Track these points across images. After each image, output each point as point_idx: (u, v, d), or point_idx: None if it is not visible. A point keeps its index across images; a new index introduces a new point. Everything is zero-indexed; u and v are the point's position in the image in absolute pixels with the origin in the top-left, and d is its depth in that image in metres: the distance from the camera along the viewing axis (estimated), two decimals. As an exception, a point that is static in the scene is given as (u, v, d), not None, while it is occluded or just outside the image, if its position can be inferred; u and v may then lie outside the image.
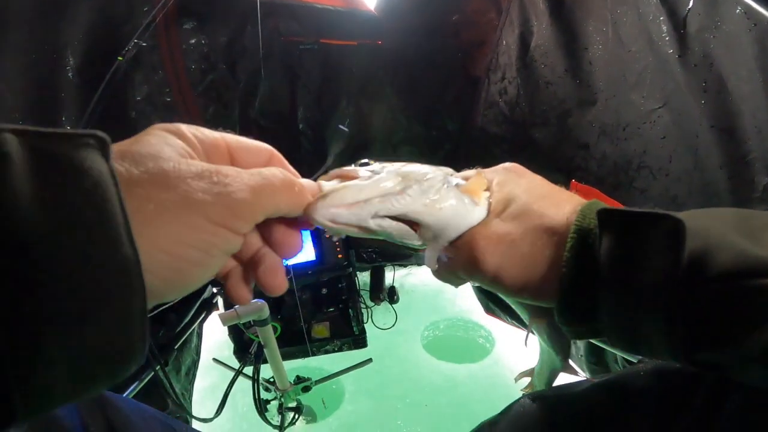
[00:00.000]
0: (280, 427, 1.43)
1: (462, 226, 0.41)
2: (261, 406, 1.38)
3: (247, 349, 1.37)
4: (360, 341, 1.66)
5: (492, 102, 1.33)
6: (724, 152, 0.88)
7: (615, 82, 1.05)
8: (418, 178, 0.41)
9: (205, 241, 0.28)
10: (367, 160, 0.44)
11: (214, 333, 1.86)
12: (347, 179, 0.40)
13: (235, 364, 1.43)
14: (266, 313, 1.17)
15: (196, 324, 1.51)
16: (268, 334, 1.24)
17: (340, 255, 1.51)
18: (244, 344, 1.44)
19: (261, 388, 1.38)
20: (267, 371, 1.39)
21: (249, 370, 1.35)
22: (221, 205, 0.29)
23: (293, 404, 1.51)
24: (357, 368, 1.62)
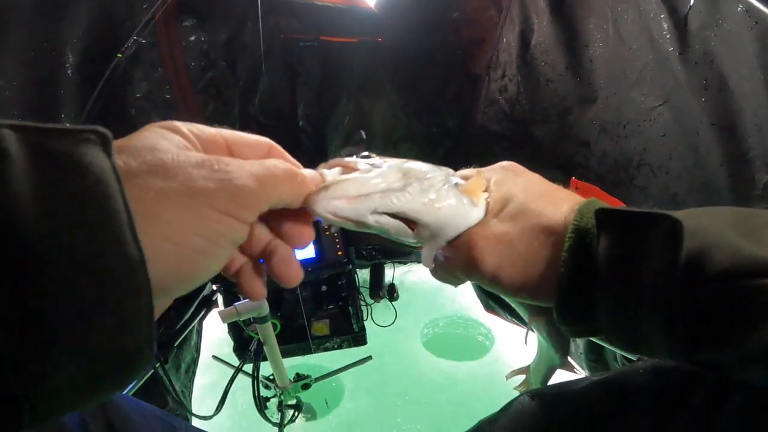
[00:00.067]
0: (280, 425, 1.44)
1: (460, 226, 0.41)
2: (261, 404, 1.38)
3: (246, 347, 1.37)
4: (360, 338, 1.66)
5: (492, 99, 1.32)
6: (724, 150, 0.88)
7: (615, 80, 1.05)
8: (419, 176, 0.40)
9: (209, 229, 0.28)
10: (368, 153, 0.44)
11: (214, 330, 1.86)
12: (347, 170, 0.40)
13: (235, 361, 1.43)
14: (266, 310, 1.16)
15: (196, 321, 1.51)
16: (268, 332, 1.24)
17: (340, 252, 1.50)
18: (244, 341, 1.43)
19: (261, 385, 1.38)
20: (267, 369, 1.39)
21: (249, 367, 1.35)
22: (224, 192, 0.28)
23: (293, 402, 1.51)
24: (357, 366, 1.62)
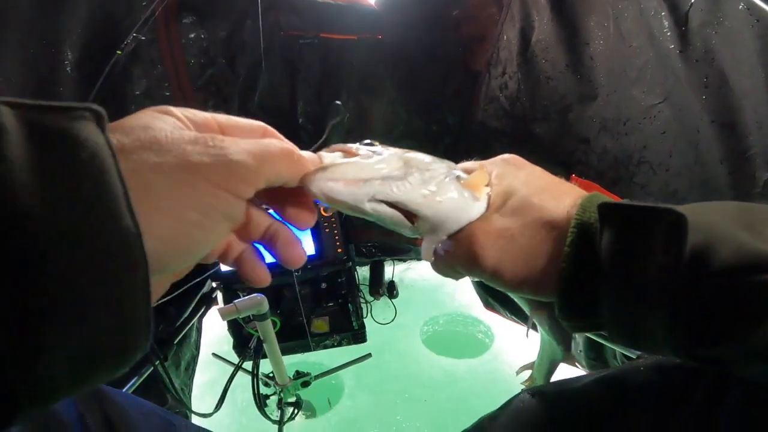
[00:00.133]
0: (280, 422, 1.43)
1: (461, 220, 0.40)
2: (260, 401, 1.38)
3: (246, 344, 1.37)
4: (359, 336, 1.66)
5: (492, 97, 1.32)
6: (724, 147, 0.88)
7: (616, 77, 1.05)
8: (420, 166, 0.40)
9: (205, 203, 0.28)
10: (370, 141, 0.43)
11: (214, 328, 1.86)
12: (348, 155, 0.40)
13: (235, 359, 1.43)
14: (265, 307, 1.16)
15: (196, 319, 1.51)
16: (268, 329, 1.24)
17: (339, 249, 1.50)
18: (244, 339, 1.43)
19: (260, 383, 1.38)
20: (266, 366, 1.38)
21: (248, 365, 1.35)
22: (219, 165, 0.28)
23: (292, 399, 1.51)
24: (356, 363, 1.62)
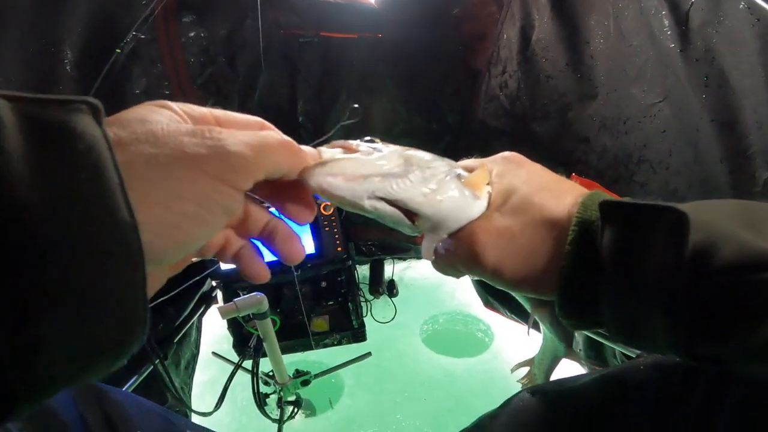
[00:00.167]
0: (279, 421, 1.44)
1: (462, 219, 0.40)
2: (260, 400, 1.38)
3: (246, 343, 1.37)
4: (359, 335, 1.66)
5: (492, 95, 1.32)
6: (724, 146, 0.88)
7: (616, 76, 1.05)
8: (421, 164, 0.40)
9: (201, 195, 0.28)
10: (371, 137, 0.43)
11: (213, 326, 1.86)
12: (349, 151, 0.40)
13: (234, 357, 1.43)
14: (265, 306, 1.16)
15: (196, 317, 1.51)
16: (267, 328, 1.24)
17: (339, 248, 1.50)
18: (243, 338, 1.44)
19: (260, 381, 1.38)
20: (266, 365, 1.39)
21: (248, 363, 1.35)
22: (216, 157, 0.28)
23: (292, 398, 1.51)
24: (356, 362, 1.62)
